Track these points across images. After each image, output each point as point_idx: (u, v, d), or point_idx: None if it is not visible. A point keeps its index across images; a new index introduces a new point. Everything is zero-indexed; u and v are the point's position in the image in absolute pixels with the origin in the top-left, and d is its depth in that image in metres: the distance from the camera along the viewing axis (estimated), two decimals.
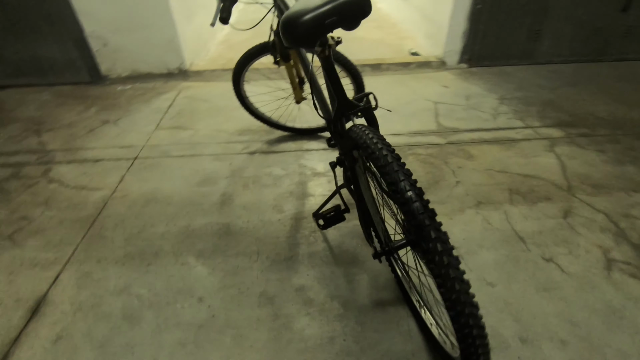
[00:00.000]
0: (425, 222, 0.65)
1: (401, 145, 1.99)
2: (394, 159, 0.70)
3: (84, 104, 2.47)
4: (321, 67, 0.92)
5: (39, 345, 1.10)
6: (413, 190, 0.66)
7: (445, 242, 0.64)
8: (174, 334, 1.13)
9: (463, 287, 0.62)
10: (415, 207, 0.65)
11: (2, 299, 1.23)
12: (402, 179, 0.67)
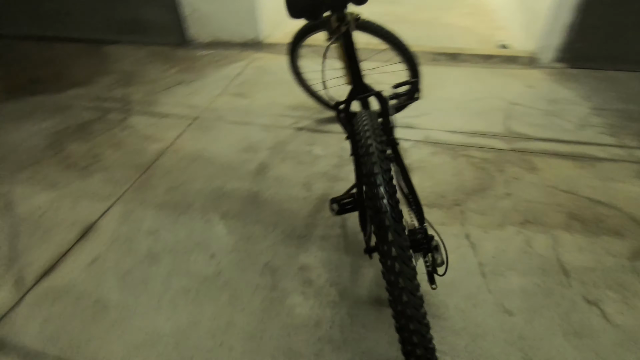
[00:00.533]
0: (385, 222, 0.59)
1: (454, 144, 1.83)
2: (377, 151, 0.65)
3: (168, 64, 2.74)
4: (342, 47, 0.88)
5: (78, 263, 1.31)
6: (384, 187, 0.61)
7: (403, 248, 0.58)
8: (181, 280, 1.24)
9: (412, 300, 0.57)
10: (380, 204, 0.60)
11: (63, 220, 1.48)
12: (377, 172, 0.62)
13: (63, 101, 2.28)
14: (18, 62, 2.81)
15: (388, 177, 0.62)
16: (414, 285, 0.57)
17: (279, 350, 1.06)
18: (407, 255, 0.58)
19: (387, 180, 0.62)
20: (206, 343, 1.07)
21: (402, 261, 0.57)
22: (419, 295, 0.57)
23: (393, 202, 0.60)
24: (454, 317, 1.12)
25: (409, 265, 0.57)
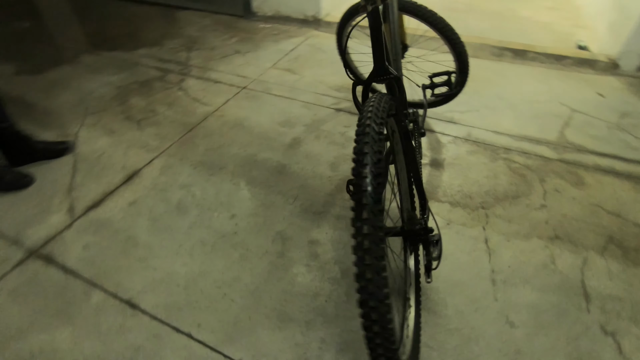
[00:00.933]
0: (362, 200, 0.60)
1: (496, 146, 1.73)
2: (372, 132, 0.65)
3: (229, 33, 2.86)
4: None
5: (119, 203, 1.47)
6: (370, 167, 0.61)
7: (375, 227, 0.59)
8: (201, 233, 1.35)
9: (376, 278, 0.58)
10: (362, 182, 0.61)
11: (115, 164, 1.66)
12: (366, 152, 0.63)
13: (133, 59, 2.51)
14: (102, 20, 3.11)
15: (377, 158, 0.62)
16: (380, 265, 0.58)
17: (274, 311, 1.12)
18: (378, 235, 0.59)
19: (375, 162, 0.62)
20: (211, 292, 1.17)
21: (371, 240, 0.58)
22: (383, 275, 0.59)
23: (375, 183, 0.61)
24: (450, 317, 1.10)
25: (377, 244, 0.58)
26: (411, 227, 0.88)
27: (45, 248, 1.30)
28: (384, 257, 0.59)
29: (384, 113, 0.71)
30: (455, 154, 1.70)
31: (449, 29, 1.44)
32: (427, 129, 1.87)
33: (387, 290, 0.59)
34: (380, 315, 0.59)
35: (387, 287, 0.59)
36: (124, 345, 1.04)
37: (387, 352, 0.61)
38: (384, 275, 0.58)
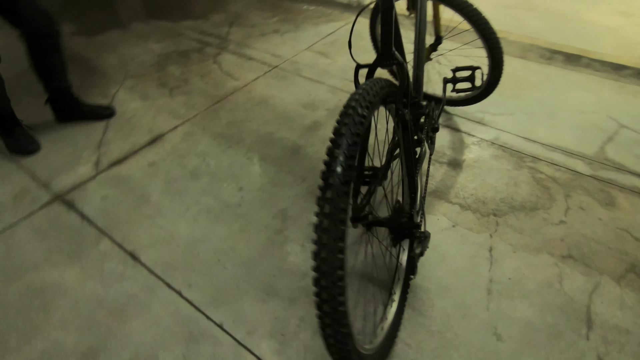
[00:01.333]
0: (329, 180, 0.60)
1: (524, 154, 1.62)
2: (355, 114, 0.64)
3: (272, 12, 2.88)
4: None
5: (140, 162, 1.57)
6: (344, 148, 0.60)
7: (337, 209, 0.58)
8: (208, 201, 1.41)
9: (330, 259, 0.58)
10: (332, 162, 0.60)
11: (143, 126, 1.75)
12: (343, 133, 0.62)
13: (178, 29, 2.60)
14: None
15: (352, 140, 0.61)
16: (337, 247, 0.58)
17: (262, 284, 1.16)
18: (340, 217, 0.58)
19: (350, 144, 0.61)
20: (207, 257, 1.23)
21: (331, 220, 0.58)
22: (339, 257, 0.58)
23: (346, 165, 0.60)
24: (435, 319, 1.08)
25: (337, 226, 0.58)
26: (398, 220, 0.86)
27: (69, 195, 1.42)
28: (343, 239, 0.59)
29: (373, 97, 0.69)
30: (477, 156, 1.62)
31: (483, 22, 1.36)
32: (453, 127, 1.79)
33: (342, 273, 0.58)
34: (331, 295, 0.59)
35: (342, 269, 0.59)
36: (120, 291, 1.12)
37: (337, 334, 0.61)
38: (339, 257, 0.58)
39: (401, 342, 1.02)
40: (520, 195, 1.44)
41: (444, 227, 1.33)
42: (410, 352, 1.01)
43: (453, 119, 1.84)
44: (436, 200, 1.43)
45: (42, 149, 1.62)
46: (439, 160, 1.61)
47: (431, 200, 1.42)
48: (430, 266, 1.21)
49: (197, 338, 1.03)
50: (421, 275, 1.18)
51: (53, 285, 1.13)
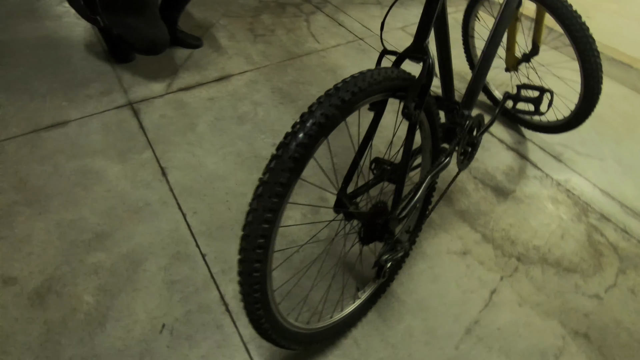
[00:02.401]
0: (277, 151, 0.59)
1: (593, 208, 1.39)
2: (335, 99, 0.61)
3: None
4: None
5: (202, 95, 1.71)
6: (307, 130, 0.59)
7: (275, 182, 0.58)
8: (242, 146, 1.49)
9: (255, 222, 0.59)
10: (289, 136, 0.59)
11: (218, 63, 1.89)
12: (312, 110, 0.60)
13: None
14: None
15: (317, 120, 0.59)
16: (264, 216, 0.59)
17: None
18: (275, 189, 0.58)
19: (318, 125, 0.59)
20: (219, 194, 1.33)
21: (265, 188, 0.58)
22: (263, 225, 0.59)
23: (300, 141, 0.58)
24: (396, 332, 1.04)
25: (270, 196, 0.58)
26: (370, 218, 0.82)
27: (138, 104, 1.63)
28: (273, 210, 0.59)
29: (368, 85, 0.65)
30: (532, 192, 1.43)
31: (581, 33, 1.13)
32: (521, 152, 1.59)
33: (262, 241, 0.60)
34: (246, 256, 0.61)
35: (263, 238, 0.60)
36: (142, 196, 1.29)
37: (248, 296, 0.63)
38: (264, 226, 0.59)
39: (351, 339, 1.01)
40: (561, 250, 1.25)
41: (453, 250, 1.23)
42: (355, 352, 0.99)
43: (526, 143, 1.63)
44: (458, 220, 1.32)
45: (135, 60, 1.86)
46: (485, 181, 1.46)
47: (452, 219, 1.32)
48: (418, 282, 1.14)
49: (181, 258, 1.15)
50: (404, 287, 1.13)
51: (98, 172, 1.35)
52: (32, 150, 1.40)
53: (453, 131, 1.02)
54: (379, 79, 0.69)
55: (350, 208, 0.87)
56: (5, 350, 0.94)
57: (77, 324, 1.00)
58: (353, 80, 0.65)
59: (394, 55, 0.80)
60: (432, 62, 0.76)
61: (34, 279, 1.07)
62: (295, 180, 0.61)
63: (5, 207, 1.22)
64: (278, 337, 0.73)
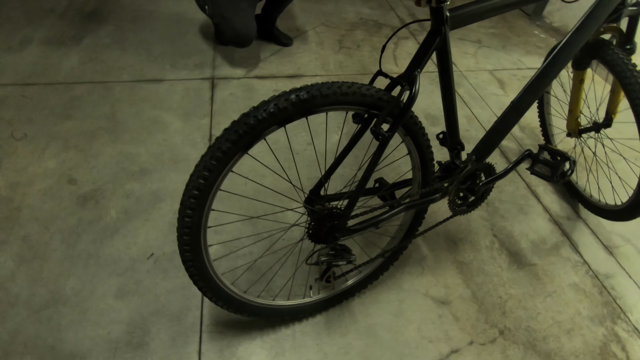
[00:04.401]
0: (221, 134, 0.70)
1: (627, 316, 1.17)
2: (281, 98, 0.69)
3: (496, 22, 2.66)
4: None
5: (270, 85, 1.92)
6: (244, 121, 0.69)
7: (213, 155, 0.68)
8: (279, 137, 1.65)
9: (187, 197, 0.71)
10: (238, 119, 0.70)
11: (297, 62, 2.09)
12: (258, 107, 0.69)
13: (394, 3, 2.76)
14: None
15: (270, 110, 0.67)
16: (202, 173, 0.68)
17: None
18: (216, 154, 0.68)
19: (268, 113, 0.67)
20: (244, 168, 1.49)
21: (209, 150, 0.69)
22: (200, 181, 0.69)
23: (248, 126, 0.67)
24: (334, 341, 1.05)
25: (210, 156, 0.69)
26: (319, 215, 0.86)
27: (218, 80, 1.91)
28: (211, 171, 0.70)
29: (332, 93, 0.72)
30: (556, 273, 1.28)
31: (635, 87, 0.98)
32: (565, 228, 1.42)
33: (196, 193, 0.71)
34: (182, 201, 0.73)
35: (197, 190, 0.71)
36: (185, 151, 1.53)
37: (180, 234, 0.75)
38: (200, 180, 0.70)
39: (291, 330, 1.06)
40: (559, 344, 1.10)
41: (432, 294, 1.18)
42: (288, 343, 1.04)
43: (576, 222, 1.45)
44: (454, 269, 1.25)
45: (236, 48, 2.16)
46: (505, 242, 1.34)
47: (448, 266, 1.26)
48: (380, 309, 1.13)
49: None
50: (363, 307, 1.13)
51: (164, 124, 1.64)
52: (129, 94, 1.77)
53: (452, 171, 1.00)
54: (347, 91, 0.74)
55: (314, 206, 0.93)
56: (46, 226, 1.24)
57: (97, 228, 1.25)
58: (319, 85, 0.73)
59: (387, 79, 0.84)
60: (416, 90, 0.78)
61: (87, 186, 1.37)
62: (237, 152, 0.71)
63: (93, 129, 1.58)
64: (205, 286, 0.84)
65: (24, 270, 1.13)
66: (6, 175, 1.38)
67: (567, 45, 0.97)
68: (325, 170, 0.94)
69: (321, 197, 0.95)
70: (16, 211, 1.27)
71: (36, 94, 1.71)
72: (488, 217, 1.43)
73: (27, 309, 1.05)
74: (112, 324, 1.04)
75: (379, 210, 0.94)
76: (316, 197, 0.94)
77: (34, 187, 1.35)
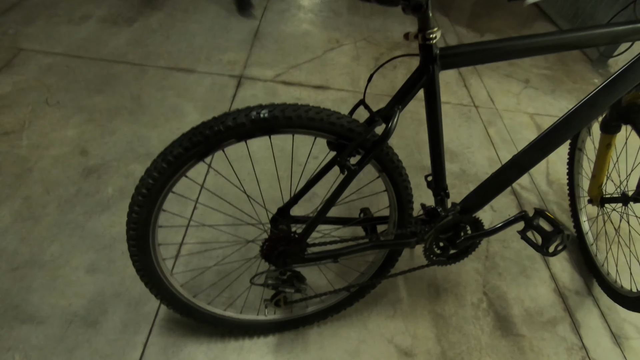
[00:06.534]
0: (187, 134, 0.68)
1: None
2: (259, 107, 0.67)
3: (550, 64, 2.47)
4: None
5: (293, 93, 1.91)
6: (214, 124, 0.66)
7: (166, 157, 0.68)
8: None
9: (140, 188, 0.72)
10: (188, 131, 0.69)
11: (325, 73, 2.07)
12: (226, 115, 0.67)
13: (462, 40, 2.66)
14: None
15: (227, 124, 0.66)
16: (159, 166, 0.68)
17: None
18: (153, 174, 0.69)
19: (225, 126, 0.66)
20: (244, 170, 1.49)
21: (149, 168, 0.70)
22: (143, 190, 0.69)
23: (193, 141, 0.67)
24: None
25: (155, 165, 0.68)
26: (274, 235, 0.82)
27: (245, 79, 1.94)
28: (164, 174, 0.69)
29: (296, 117, 0.69)
30: (546, 351, 1.14)
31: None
32: (569, 304, 1.26)
33: (145, 191, 0.71)
34: (133, 195, 0.73)
35: (146, 189, 0.71)
36: None
37: (127, 228, 0.75)
38: (142, 190, 0.70)
39: (240, 342, 1.04)
40: None
41: (397, 342, 1.10)
42: (234, 355, 1.02)
43: (585, 299, 1.29)
44: (428, 320, 1.16)
45: (273, 45, 2.20)
46: (494, 304, 1.23)
47: (423, 315, 1.17)
48: (337, 344, 1.08)
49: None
50: (320, 337, 1.08)
51: (182, 113, 1.69)
52: (160, 79, 1.85)
53: (433, 217, 0.92)
54: (314, 116, 0.71)
55: (278, 226, 0.90)
56: (48, 191, 1.32)
57: (91, 202, 1.31)
58: (285, 106, 0.70)
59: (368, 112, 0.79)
60: (392, 126, 0.73)
61: (95, 159, 1.45)
62: (190, 159, 0.69)
63: (117, 107, 1.67)
64: (150, 283, 0.84)
65: (17, 228, 1.21)
66: (30, 136, 1.49)
67: (591, 104, 0.86)
68: (295, 192, 0.91)
69: (287, 217, 0.92)
70: (28, 171, 1.37)
71: (79, 67, 1.84)
72: (483, 271, 1.31)
73: (7, 264, 1.12)
74: (75, 297, 1.08)
75: (344, 243, 0.89)
76: (282, 216, 0.91)
77: (50, 151, 1.45)
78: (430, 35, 0.69)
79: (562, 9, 2.89)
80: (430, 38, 0.69)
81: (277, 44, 2.23)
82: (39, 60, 1.83)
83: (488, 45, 0.74)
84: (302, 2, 2.70)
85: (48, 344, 0.98)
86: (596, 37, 0.76)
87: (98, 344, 1.00)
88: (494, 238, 1.42)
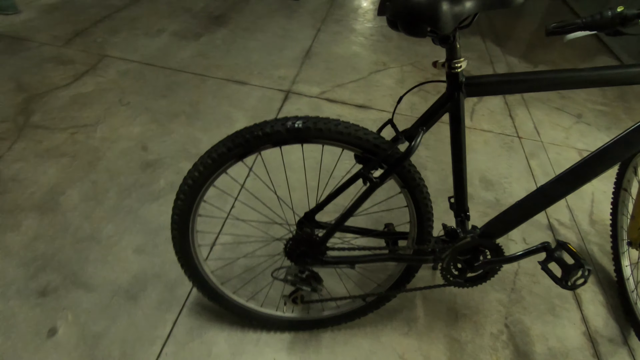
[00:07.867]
0: (224, 141, 0.79)
1: None
2: (295, 118, 0.75)
3: (605, 96, 2.36)
4: None
5: (335, 110, 2.01)
6: (254, 129, 0.76)
7: (205, 162, 0.77)
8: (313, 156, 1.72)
9: (184, 183, 0.81)
10: (231, 134, 0.78)
11: (370, 100, 2.15)
12: (267, 122, 0.76)
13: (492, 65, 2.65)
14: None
15: (266, 131, 0.74)
16: (192, 174, 0.79)
17: None
18: (199, 168, 0.78)
19: (263, 132, 0.75)
20: (289, 182, 1.60)
21: (196, 162, 0.80)
22: (188, 181, 0.80)
23: (235, 144, 0.76)
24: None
25: (201, 161, 0.79)
26: (298, 236, 0.88)
27: (292, 94, 2.08)
28: (208, 169, 0.80)
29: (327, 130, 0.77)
30: None
31: None
32: (600, 351, 1.20)
33: (190, 182, 0.82)
34: (180, 185, 0.84)
35: (192, 180, 0.82)
36: None
37: (173, 212, 0.87)
38: (188, 181, 0.81)
39: (256, 335, 1.11)
40: None
41: (408, 358, 1.11)
42: (251, 346, 1.09)
43: (618, 352, 1.22)
44: (443, 343, 1.16)
45: (322, 64, 2.33)
46: (515, 337, 1.20)
47: (439, 337, 1.17)
48: (350, 350, 1.11)
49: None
50: (334, 341, 1.12)
51: (232, 121, 1.85)
52: (216, 89, 2.04)
53: (452, 237, 0.94)
54: (343, 130, 0.78)
55: (303, 229, 0.97)
56: (112, 178, 1.51)
57: (145, 191, 1.48)
58: (317, 119, 0.78)
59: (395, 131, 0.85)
60: (415, 145, 0.78)
61: (153, 155, 1.63)
62: (230, 159, 0.79)
63: (177, 111, 1.87)
64: (185, 265, 0.95)
65: (83, 207, 1.40)
66: (103, 130, 1.72)
67: (626, 142, 0.85)
68: (322, 199, 0.98)
69: (312, 221, 0.99)
70: (97, 160, 1.58)
71: (150, 73, 2.09)
72: (507, 303, 1.28)
73: (72, 237, 1.30)
74: (122, 272, 1.22)
75: (362, 252, 0.94)
76: (308, 220, 0.99)
77: (117, 144, 1.65)
78: (456, 64, 0.74)
79: (628, 44, 2.76)
80: (455, 67, 0.74)
81: (327, 63, 2.36)
82: (118, 66, 2.10)
83: (515, 77, 0.78)
84: (355, 26, 2.84)
85: (95, 309, 1.13)
86: (633, 75, 0.76)
87: (135, 316, 1.12)
88: (523, 271, 1.38)
